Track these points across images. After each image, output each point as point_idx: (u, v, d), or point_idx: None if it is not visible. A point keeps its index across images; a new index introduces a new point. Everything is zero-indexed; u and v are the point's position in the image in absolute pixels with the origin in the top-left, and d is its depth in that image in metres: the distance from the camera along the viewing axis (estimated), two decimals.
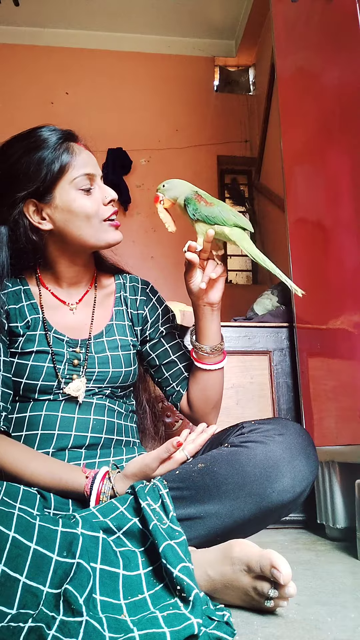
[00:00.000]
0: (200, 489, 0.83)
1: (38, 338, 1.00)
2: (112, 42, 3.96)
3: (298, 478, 0.83)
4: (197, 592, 0.63)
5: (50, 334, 1.01)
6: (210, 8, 3.72)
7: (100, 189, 1.02)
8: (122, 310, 1.11)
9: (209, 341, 1.04)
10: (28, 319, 1.02)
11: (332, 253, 1.37)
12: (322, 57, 1.45)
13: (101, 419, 1.00)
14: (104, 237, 1.02)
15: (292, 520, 1.56)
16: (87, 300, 1.09)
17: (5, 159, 0.99)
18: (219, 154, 3.92)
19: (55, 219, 0.99)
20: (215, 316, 1.04)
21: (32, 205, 0.99)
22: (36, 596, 0.62)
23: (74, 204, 0.98)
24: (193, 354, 1.07)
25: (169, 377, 1.13)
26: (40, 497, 0.82)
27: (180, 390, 1.12)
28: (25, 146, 0.98)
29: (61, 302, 1.07)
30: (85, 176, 0.99)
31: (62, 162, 0.97)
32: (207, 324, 1.04)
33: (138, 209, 3.74)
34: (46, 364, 0.98)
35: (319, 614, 0.73)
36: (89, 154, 1.03)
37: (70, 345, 1.02)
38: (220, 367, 1.07)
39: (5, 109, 3.61)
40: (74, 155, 0.99)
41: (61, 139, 0.99)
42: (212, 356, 1.05)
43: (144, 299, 1.14)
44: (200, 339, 1.05)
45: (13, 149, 0.99)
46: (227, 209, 0.96)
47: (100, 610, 0.62)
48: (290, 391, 1.68)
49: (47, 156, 0.96)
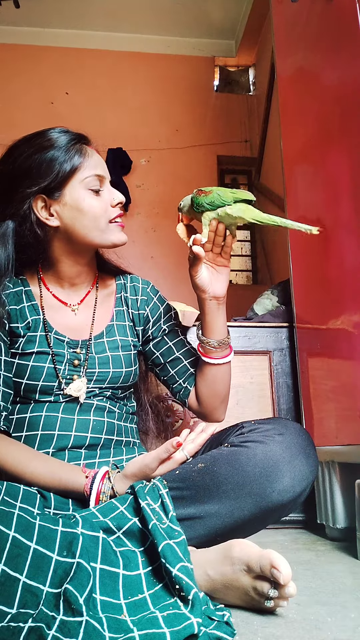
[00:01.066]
0: (200, 489, 0.84)
1: (38, 339, 1.01)
2: (112, 42, 3.96)
3: (298, 478, 0.83)
4: (197, 592, 0.63)
5: (51, 335, 1.02)
6: (210, 8, 3.72)
7: (108, 191, 1.04)
8: (123, 311, 1.12)
9: (216, 335, 1.05)
10: (29, 320, 1.02)
11: (332, 253, 1.37)
12: (322, 57, 1.45)
13: (101, 420, 1.00)
14: (109, 237, 1.03)
15: (292, 520, 1.56)
16: (88, 301, 1.10)
17: (17, 156, 1.00)
18: (219, 154, 3.92)
19: (63, 216, 1.00)
20: (221, 310, 1.05)
21: (40, 201, 1.00)
22: (36, 596, 0.62)
23: (83, 202, 0.99)
24: (200, 349, 1.07)
25: (175, 374, 1.13)
26: (41, 497, 0.83)
27: (188, 386, 1.12)
28: (37, 144, 1.00)
29: (62, 303, 1.07)
30: (96, 177, 1.01)
31: (74, 161, 0.99)
32: (213, 318, 1.04)
33: (138, 209, 3.74)
34: (46, 365, 0.98)
35: (319, 614, 0.73)
36: (99, 157, 1.06)
37: (70, 346, 1.02)
38: (227, 360, 1.07)
39: (6, 109, 3.61)
40: (86, 157, 1.01)
41: (74, 140, 1.02)
42: (219, 350, 1.05)
43: (145, 298, 1.14)
44: (206, 333, 1.05)
45: (24, 147, 1.01)
46: (224, 190, 0.97)
47: (100, 610, 0.62)
48: (290, 391, 1.68)
49: (60, 155, 0.99)
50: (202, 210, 0.98)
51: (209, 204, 0.97)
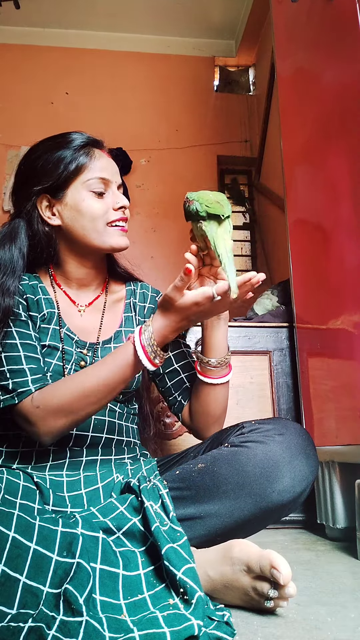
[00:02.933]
0: (200, 489, 0.84)
1: (51, 332, 1.00)
2: (112, 42, 3.95)
3: (298, 478, 0.83)
4: (200, 595, 0.63)
5: (63, 330, 1.02)
6: (210, 8, 3.72)
7: (113, 194, 1.04)
8: (131, 317, 1.11)
9: (215, 353, 1.00)
10: (45, 312, 1.02)
11: (332, 253, 1.37)
12: (322, 57, 1.45)
13: (102, 419, 1.00)
14: (108, 240, 1.02)
15: (292, 520, 1.56)
16: (96, 305, 1.09)
17: (30, 155, 1.05)
18: (219, 154, 3.92)
19: (64, 216, 1.02)
20: (222, 324, 0.99)
21: (45, 200, 1.03)
22: (36, 596, 0.62)
23: (83, 203, 1.00)
24: (197, 366, 1.03)
25: (171, 386, 1.10)
26: (39, 493, 0.83)
27: (182, 400, 1.09)
28: (50, 146, 1.03)
29: (72, 301, 1.07)
30: (100, 180, 1.01)
31: (78, 162, 1.01)
32: (213, 334, 1.00)
33: (138, 209, 3.74)
34: (54, 361, 0.98)
35: (319, 614, 0.73)
36: (109, 161, 1.06)
37: (78, 346, 1.02)
38: (224, 381, 1.02)
39: (6, 108, 3.60)
40: (92, 159, 1.02)
41: (84, 143, 1.03)
42: (217, 369, 1.00)
43: (153, 306, 1.13)
44: (205, 351, 1.01)
45: (39, 147, 1.05)
46: (203, 198, 0.88)
47: (100, 610, 0.62)
48: (290, 391, 1.68)
49: (66, 155, 1.01)
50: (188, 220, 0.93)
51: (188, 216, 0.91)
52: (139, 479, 0.86)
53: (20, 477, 0.85)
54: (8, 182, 3.40)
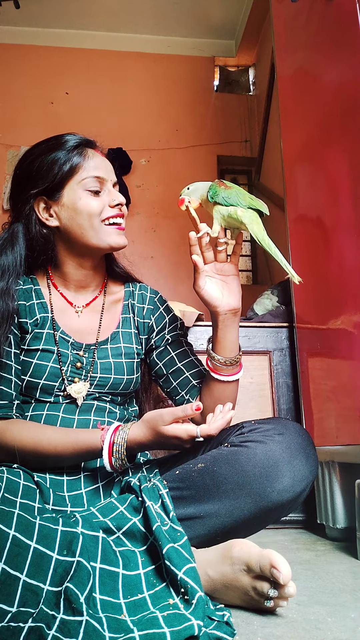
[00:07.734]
0: (200, 489, 0.84)
1: (45, 336, 1.01)
2: (112, 42, 3.96)
3: (298, 478, 0.83)
4: (201, 595, 0.63)
5: (58, 333, 1.02)
6: (210, 8, 3.72)
7: (109, 192, 1.04)
8: (129, 318, 1.11)
9: (227, 352, 1.00)
10: (37, 317, 1.02)
11: (332, 253, 1.37)
12: (322, 57, 1.45)
13: (102, 420, 1.00)
14: (105, 239, 1.02)
15: (292, 520, 1.56)
16: (94, 306, 1.09)
17: (24, 159, 1.06)
18: (219, 154, 3.92)
19: (61, 216, 1.02)
20: (235, 323, 1.00)
21: (42, 203, 1.03)
22: (36, 594, 0.62)
23: (79, 202, 1.00)
24: (208, 364, 1.03)
25: (177, 386, 1.09)
26: (39, 492, 0.83)
27: (190, 399, 1.08)
28: (43, 148, 1.04)
29: (69, 303, 1.07)
30: (95, 178, 1.01)
31: (73, 162, 1.01)
32: (226, 333, 0.99)
33: (138, 209, 3.74)
34: (50, 364, 0.98)
35: (319, 614, 0.73)
36: (103, 160, 1.06)
37: (74, 348, 1.02)
38: (236, 378, 1.02)
39: (6, 109, 3.61)
40: (86, 158, 1.02)
41: (77, 143, 1.04)
42: (229, 367, 1.00)
43: (152, 307, 1.13)
44: (216, 349, 1.01)
45: (33, 151, 1.05)
46: (244, 193, 0.96)
47: (100, 609, 0.62)
48: (290, 391, 1.68)
49: (60, 157, 1.01)
50: (215, 201, 0.96)
51: (225, 198, 0.95)
52: (139, 478, 0.86)
53: (20, 476, 0.85)
54: (8, 182, 3.40)
